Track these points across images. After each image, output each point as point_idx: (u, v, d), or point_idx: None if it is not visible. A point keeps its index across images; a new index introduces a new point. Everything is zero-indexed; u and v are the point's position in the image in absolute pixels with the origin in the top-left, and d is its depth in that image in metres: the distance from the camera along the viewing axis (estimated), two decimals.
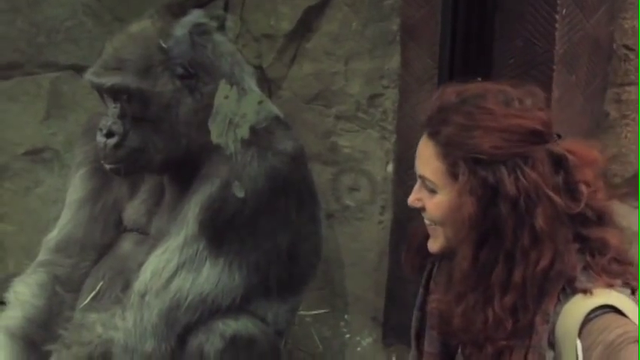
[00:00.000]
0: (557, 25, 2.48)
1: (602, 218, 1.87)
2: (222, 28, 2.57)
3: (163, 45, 2.40)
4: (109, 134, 2.39)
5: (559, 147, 1.83)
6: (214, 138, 2.43)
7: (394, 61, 2.98)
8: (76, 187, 2.65)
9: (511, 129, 1.79)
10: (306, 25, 3.15)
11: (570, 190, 1.83)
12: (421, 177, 1.90)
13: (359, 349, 3.15)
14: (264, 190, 2.40)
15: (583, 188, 1.83)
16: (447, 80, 2.53)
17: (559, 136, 1.88)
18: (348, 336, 3.16)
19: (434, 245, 1.94)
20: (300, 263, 2.59)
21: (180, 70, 2.40)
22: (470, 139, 1.80)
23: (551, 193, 1.78)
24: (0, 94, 3.44)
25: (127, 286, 2.46)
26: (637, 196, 2.92)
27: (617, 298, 1.77)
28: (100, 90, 2.43)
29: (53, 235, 2.66)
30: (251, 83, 2.54)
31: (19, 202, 3.51)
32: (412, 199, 1.93)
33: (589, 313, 1.76)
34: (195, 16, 2.48)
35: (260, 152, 2.41)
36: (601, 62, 2.69)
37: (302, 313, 3.14)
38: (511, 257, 1.80)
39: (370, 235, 3.09)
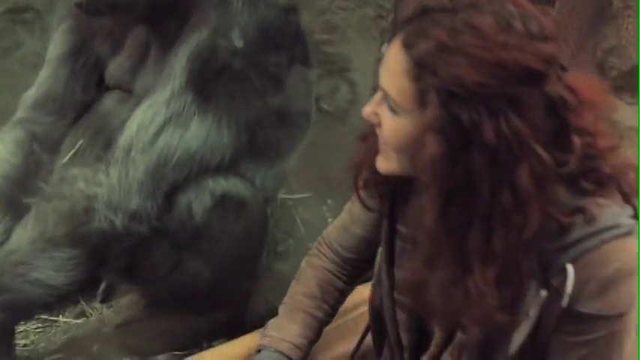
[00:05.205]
0: None
1: (599, 178, 1.56)
2: None
3: None
4: None
5: (559, 85, 1.51)
6: None
7: None
8: (57, 42, 2.53)
9: (505, 64, 1.44)
10: None
11: (561, 142, 1.52)
12: (384, 91, 1.56)
13: None
14: (254, 41, 2.28)
15: (576, 140, 1.52)
16: None
17: (563, 69, 1.53)
18: (330, 220, 3.11)
19: (383, 165, 1.65)
20: (289, 126, 2.49)
21: None
22: (450, 66, 1.46)
23: (538, 148, 1.47)
24: None
25: (108, 144, 2.37)
26: (633, 91, 2.87)
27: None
28: None
29: (31, 93, 2.56)
30: None
31: None
32: (368, 112, 1.61)
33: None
34: None
35: (251, 1, 2.28)
36: None
37: (285, 196, 3.10)
38: (488, 221, 1.50)
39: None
